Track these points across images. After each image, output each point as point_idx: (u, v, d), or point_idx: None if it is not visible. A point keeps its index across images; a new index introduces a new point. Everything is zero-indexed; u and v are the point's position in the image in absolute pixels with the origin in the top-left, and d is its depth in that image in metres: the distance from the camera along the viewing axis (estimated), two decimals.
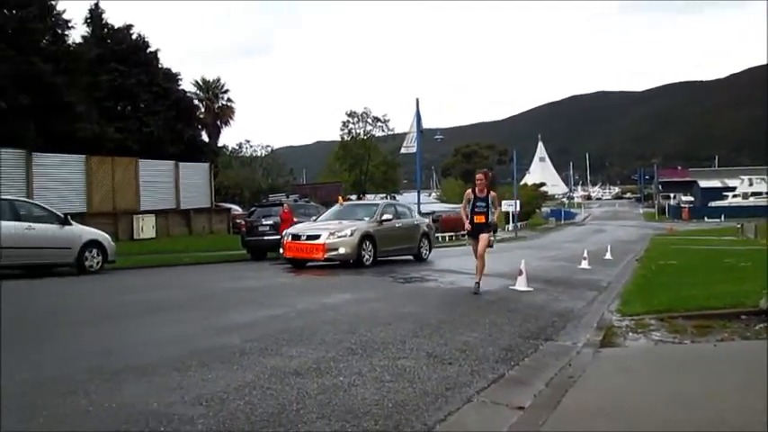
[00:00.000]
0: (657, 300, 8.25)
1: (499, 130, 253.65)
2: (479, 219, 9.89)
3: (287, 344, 5.48)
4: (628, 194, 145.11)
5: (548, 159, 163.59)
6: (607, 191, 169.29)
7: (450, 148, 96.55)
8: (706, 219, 65.89)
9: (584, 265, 15.73)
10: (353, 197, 32.01)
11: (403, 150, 35.91)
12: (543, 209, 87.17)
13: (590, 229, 56.28)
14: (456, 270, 14.19)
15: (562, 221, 76.58)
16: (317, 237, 14.60)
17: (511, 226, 55.24)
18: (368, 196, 40.27)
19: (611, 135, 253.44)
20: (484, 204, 9.93)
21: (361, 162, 57.63)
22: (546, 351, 5.85)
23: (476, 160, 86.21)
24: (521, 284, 10.39)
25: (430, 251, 17.70)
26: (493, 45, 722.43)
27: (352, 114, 57.96)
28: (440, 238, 43.38)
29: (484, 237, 9.95)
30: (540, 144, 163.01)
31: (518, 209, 54.67)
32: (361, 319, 7.03)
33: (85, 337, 6.12)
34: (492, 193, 10.06)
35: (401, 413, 3.70)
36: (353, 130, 57.97)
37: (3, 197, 15.19)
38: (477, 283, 9.83)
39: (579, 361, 5.39)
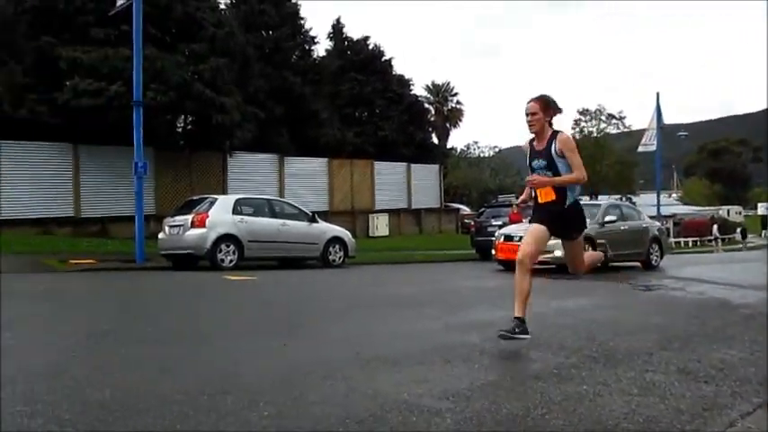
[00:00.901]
0: None
1: (753, 122, 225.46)
2: (546, 195, 5.27)
3: (525, 346, 5.44)
4: None
5: None
6: None
7: (693, 144, 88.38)
8: None
9: None
10: (585, 198, 30.65)
11: (640, 149, 33.52)
12: None
13: None
14: (704, 279, 12.96)
15: None
16: None
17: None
18: (600, 197, 38.26)
19: None
20: (545, 164, 5.24)
21: (593, 162, 55.28)
22: None
23: (725, 157, 77.85)
24: None
25: (661, 258, 16.17)
26: (742, 27, 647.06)
27: (584, 112, 55.96)
28: (681, 244, 40.10)
29: (579, 245, 5.66)
30: None
31: None
32: (601, 326, 6.73)
33: (336, 325, 6.67)
34: (561, 137, 5.21)
35: (654, 430, 3.47)
36: (586, 129, 55.90)
37: (262, 196, 17.23)
38: (519, 318, 5.16)
39: None
